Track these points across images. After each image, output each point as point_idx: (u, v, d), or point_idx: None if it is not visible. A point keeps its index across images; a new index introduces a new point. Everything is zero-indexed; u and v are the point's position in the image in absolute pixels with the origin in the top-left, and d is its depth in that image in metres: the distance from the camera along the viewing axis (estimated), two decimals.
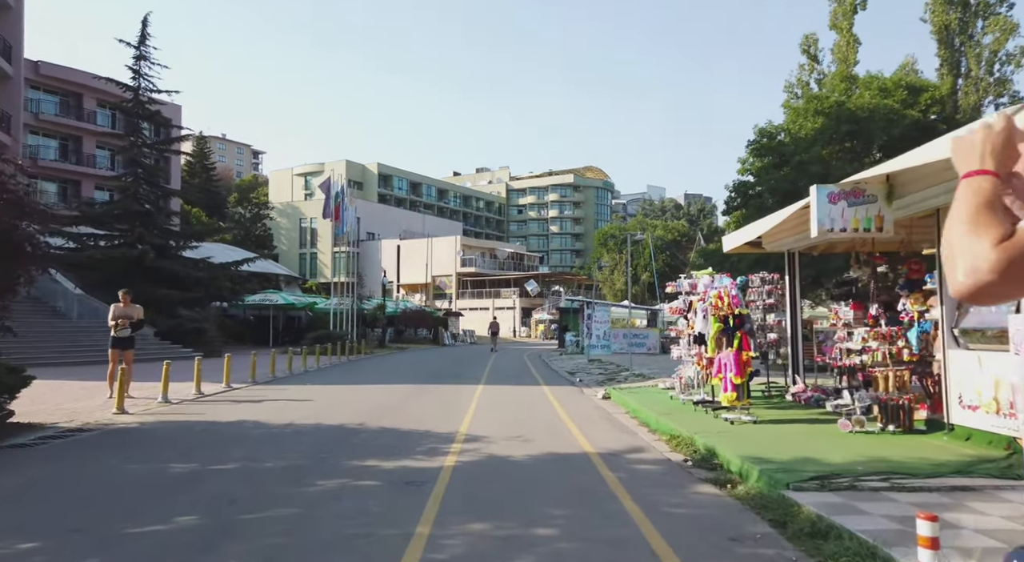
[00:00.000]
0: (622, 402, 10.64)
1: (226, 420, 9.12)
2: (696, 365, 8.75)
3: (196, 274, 27.52)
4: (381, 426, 8.55)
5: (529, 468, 6.14)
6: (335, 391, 13.46)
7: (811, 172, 25.14)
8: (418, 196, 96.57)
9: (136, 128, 28.72)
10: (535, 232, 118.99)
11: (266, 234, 58.76)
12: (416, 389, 13.80)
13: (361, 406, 10.85)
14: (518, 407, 10.92)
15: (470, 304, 63.92)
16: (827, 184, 6.43)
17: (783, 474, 4.92)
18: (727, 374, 7.31)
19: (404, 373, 18.59)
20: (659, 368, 18.48)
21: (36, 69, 39.12)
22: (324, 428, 8.46)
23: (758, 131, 30.31)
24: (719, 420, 7.68)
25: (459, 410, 10.28)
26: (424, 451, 6.91)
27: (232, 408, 10.52)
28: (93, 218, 28.37)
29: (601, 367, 20.01)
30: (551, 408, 10.69)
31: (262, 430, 8.35)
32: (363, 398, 12.17)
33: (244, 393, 12.79)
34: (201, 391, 12.29)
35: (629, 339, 28.62)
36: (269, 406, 10.76)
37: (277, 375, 16.38)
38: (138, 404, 10.75)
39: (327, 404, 11.12)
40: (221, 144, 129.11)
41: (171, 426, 8.70)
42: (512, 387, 14.71)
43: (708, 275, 8.28)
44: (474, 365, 22.35)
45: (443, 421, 9.05)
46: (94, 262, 25.65)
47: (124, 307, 11.62)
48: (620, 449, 6.96)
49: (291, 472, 5.91)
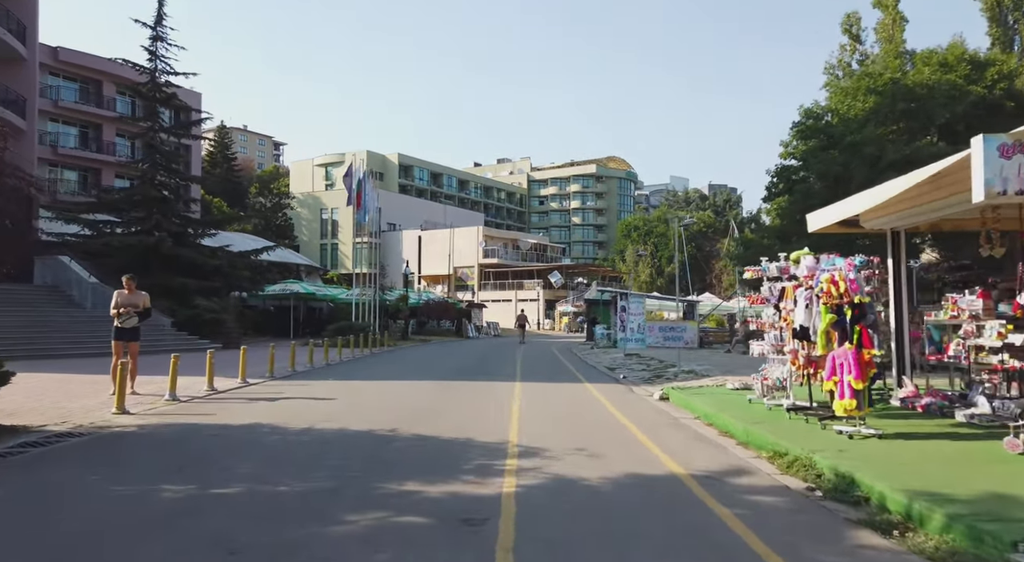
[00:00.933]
0: (687, 405, 9.27)
1: (237, 423, 7.92)
2: (791, 364, 7.34)
3: (214, 263, 26.58)
4: (416, 433, 7.28)
5: (612, 498, 4.81)
6: (359, 388, 12.26)
7: (864, 154, 23.37)
8: (439, 187, 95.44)
9: (153, 112, 27.79)
10: (557, 223, 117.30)
11: (287, 224, 58.02)
12: (448, 386, 12.55)
13: (390, 406, 9.60)
14: (568, 409, 9.60)
15: (492, 296, 62.70)
16: (994, 134, 4.95)
17: (990, 524, 3.53)
18: (843, 376, 5.91)
19: (432, 368, 17.37)
20: (709, 364, 17.01)
21: (55, 55, 38.45)
22: (350, 435, 7.22)
23: (804, 112, 28.49)
24: (831, 433, 6.28)
25: (501, 412, 8.99)
26: (474, 469, 5.62)
27: (246, 408, 9.33)
28: (110, 205, 27.56)
29: (642, 362, 18.61)
30: (605, 411, 9.36)
31: (278, 437, 7.13)
32: (391, 397, 10.94)
33: (260, 390, 11.64)
34: (214, 387, 11.16)
35: (665, 333, 27.23)
36: (287, 406, 9.56)
37: (297, 369, 15.24)
38: (143, 402, 9.62)
39: (352, 404, 9.90)
40: (242, 136, 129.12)
41: (173, 430, 7.52)
42: (552, 385, 13.39)
43: (810, 256, 6.87)
44: (504, 359, 21.08)
45: (487, 426, 7.76)
46: (110, 250, 24.80)
47: (129, 294, 10.50)
48: (716, 470, 5.61)
49: (311, 500, 4.66)
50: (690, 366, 16.01)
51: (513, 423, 8.08)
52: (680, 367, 15.59)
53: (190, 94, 42.45)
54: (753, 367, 15.94)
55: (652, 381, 13.60)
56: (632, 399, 10.83)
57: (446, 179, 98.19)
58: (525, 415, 8.76)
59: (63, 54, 38.58)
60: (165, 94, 27.49)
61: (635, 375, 15.00)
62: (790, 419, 7.21)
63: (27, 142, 27.00)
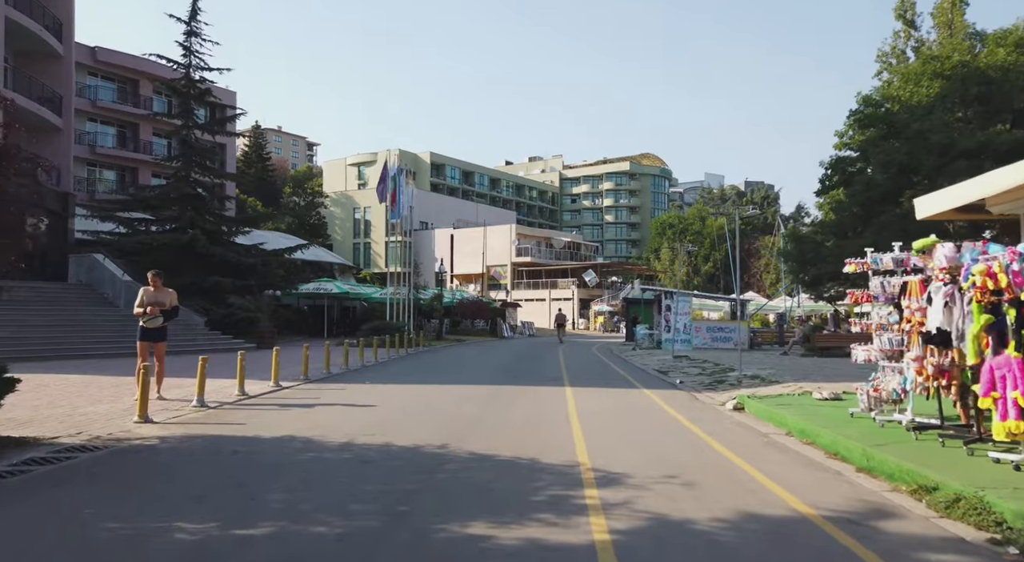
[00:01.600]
0: (772, 417, 8.11)
1: (269, 435, 7.05)
2: (916, 374, 6.14)
3: (248, 261, 26.11)
4: (471, 452, 6.29)
5: (741, 553, 3.74)
6: (399, 393, 11.36)
7: (932, 142, 21.71)
8: (470, 185, 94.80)
9: (188, 108, 27.46)
10: (589, 222, 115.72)
11: (320, 223, 57.88)
12: (493, 391, 11.57)
13: (436, 416, 8.64)
14: (634, 421, 8.53)
15: (526, 295, 61.68)
16: None
17: None
18: (1007, 392, 4.74)
19: (472, 370, 16.42)
20: (772, 367, 15.69)
21: (93, 55, 38.66)
22: (395, 452, 6.27)
23: (862, 99, 26.82)
24: (985, 461, 5.10)
25: (559, 424, 7.97)
26: (549, 503, 4.60)
27: (278, 416, 8.48)
28: (144, 202, 27.31)
29: (694, 365, 17.39)
30: (677, 423, 8.26)
31: (312, 454, 6.21)
32: (434, 403, 9.99)
33: (294, 394, 10.82)
34: (244, 392, 10.36)
35: (713, 333, 25.86)
36: (323, 414, 8.68)
37: (332, 371, 14.44)
38: (170, 408, 8.85)
39: (393, 412, 8.98)
40: (277, 137, 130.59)
41: (197, 444, 6.67)
42: (606, 390, 12.31)
43: (947, 243, 5.66)
44: (545, 360, 20.04)
45: (549, 442, 6.75)
46: (144, 247, 24.48)
47: (155, 292, 9.74)
48: (852, 509, 4.49)
49: (353, 547, 3.70)
50: (751, 370, 14.76)
51: (577, 438, 7.05)
52: (741, 371, 14.35)
53: (225, 92, 42.42)
54: (825, 371, 14.65)
55: (715, 387, 12.43)
56: (701, 409, 9.69)
57: (477, 178, 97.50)
58: (588, 428, 7.72)
59: (101, 54, 38.77)
60: (199, 90, 27.11)
61: (692, 380, 13.83)
62: (917, 440, 6.03)
63: (64, 140, 26.89)
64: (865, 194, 23.65)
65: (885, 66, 31.40)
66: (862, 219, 24.04)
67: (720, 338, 25.18)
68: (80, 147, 38.30)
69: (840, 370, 14.73)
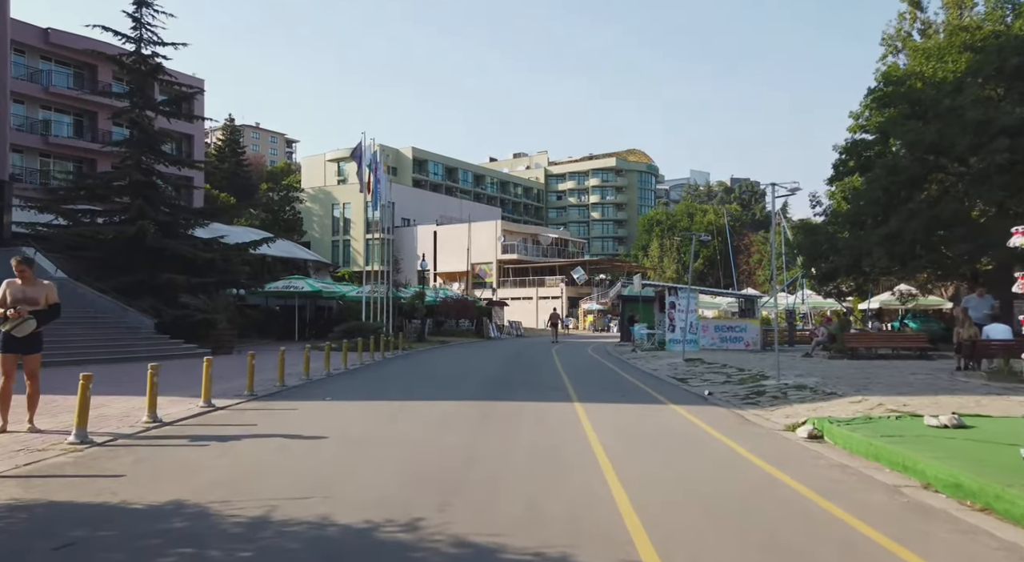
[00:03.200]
0: (882, 456, 5.73)
1: (143, 502, 4.54)
2: None
3: (207, 256, 23.36)
4: (459, 537, 3.83)
5: None
6: (363, 415, 8.87)
7: (968, 119, 19.58)
8: (454, 182, 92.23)
9: (140, 86, 24.64)
10: (575, 219, 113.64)
11: (296, 218, 54.90)
12: (483, 410, 9.12)
13: (405, 457, 6.14)
14: (686, 461, 6.12)
15: (512, 293, 59.31)
16: None
17: None
18: None
19: (457, 379, 13.95)
20: (811, 373, 13.24)
21: (46, 37, 35.66)
22: (334, 541, 3.80)
23: (882, 76, 24.69)
24: None
25: (585, 469, 5.56)
26: None
27: (182, 460, 5.95)
28: (89, 191, 24.46)
29: (714, 370, 15.08)
30: (750, 466, 5.87)
31: (190, 550, 3.71)
32: (406, 432, 7.51)
33: (226, 418, 8.28)
34: (156, 417, 7.79)
35: (722, 333, 23.56)
36: (248, 454, 6.18)
37: (287, 383, 11.88)
38: (34, 446, 6.31)
39: (348, 448, 6.49)
40: (255, 133, 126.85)
41: (21, 522, 4.15)
42: (625, 406, 9.92)
43: None
44: (541, 365, 17.62)
45: (577, 507, 4.34)
46: (84, 241, 21.65)
47: (23, 285, 7.12)
48: None
49: None
50: (789, 377, 12.43)
51: (619, 498, 4.63)
52: (779, 380, 12.02)
53: (193, 79, 39.50)
54: (880, 379, 11.54)
55: (756, 401, 10.09)
56: (762, 437, 7.32)
57: (461, 174, 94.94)
58: (627, 475, 5.31)
59: (54, 36, 35.76)
60: (151, 66, 24.28)
61: (721, 390, 11.49)
62: None
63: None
64: (888, 178, 21.50)
65: (891, 49, 29.46)
66: (884, 206, 21.90)
67: (730, 338, 22.94)
68: (31, 136, 35.21)
69: (898, 378, 12.47)
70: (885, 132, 23.25)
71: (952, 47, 22.28)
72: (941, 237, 20.61)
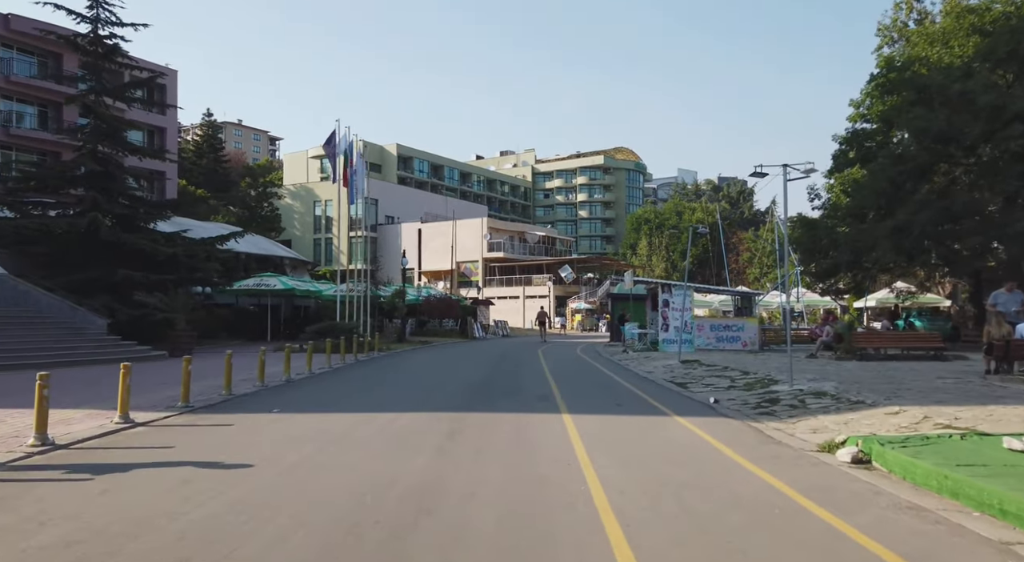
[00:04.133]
0: (969, 494, 4.40)
1: None
2: None
3: (168, 251, 21.73)
4: None
5: None
6: (307, 433, 7.41)
7: (979, 105, 18.47)
8: (440, 179, 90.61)
9: (95, 69, 22.97)
10: (563, 217, 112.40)
11: (274, 214, 53.08)
12: (454, 425, 7.71)
13: (340, 500, 4.69)
14: (711, 504, 4.75)
15: (498, 292, 57.88)
16: None
17: None
18: None
19: (431, 385, 12.53)
20: (824, 377, 11.89)
21: (6, 23, 33.72)
22: None
23: (883, 61, 23.55)
24: None
25: (576, 511, 4.19)
26: None
27: (31, 506, 4.48)
28: (39, 181, 22.77)
29: (716, 373, 13.76)
30: (804, 514, 4.52)
31: None
32: (353, 460, 6.05)
33: (137, 438, 6.82)
34: (46, 438, 6.29)
35: (718, 332, 22.24)
36: (130, 493, 4.72)
37: (234, 391, 10.39)
38: None
39: (266, 486, 5.04)
40: (237, 131, 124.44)
41: None
42: (622, 418, 8.56)
43: None
44: (527, 368, 16.23)
45: None
46: (31, 234, 19.98)
47: None
48: None
49: None
50: (806, 383, 11.11)
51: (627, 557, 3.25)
52: (792, 385, 10.71)
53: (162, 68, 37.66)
54: (904, 384, 10.27)
55: (771, 411, 8.76)
56: (795, 460, 5.96)
57: (447, 172, 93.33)
58: (631, 526, 3.93)
59: (15, 23, 33.75)
60: (107, 47, 22.60)
61: (727, 398, 10.16)
62: None
63: None
64: (893, 167, 20.34)
65: (887, 40, 28.41)
66: (889, 198, 20.74)
67: (727, 338, 21.68)
68: None
69: (924, 382, 11.19)
70: (888, 120, 22.13)
71: (960, 30, 21.18)
72: (950, 230, 19.46)
